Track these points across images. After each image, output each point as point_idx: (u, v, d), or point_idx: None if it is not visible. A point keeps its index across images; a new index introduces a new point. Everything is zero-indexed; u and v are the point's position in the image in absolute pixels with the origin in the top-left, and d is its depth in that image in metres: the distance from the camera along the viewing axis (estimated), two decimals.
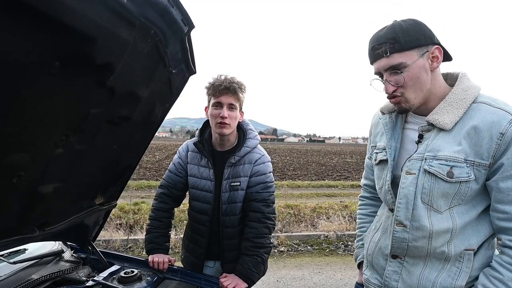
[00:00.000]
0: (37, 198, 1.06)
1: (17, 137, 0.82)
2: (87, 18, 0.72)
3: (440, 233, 1.01)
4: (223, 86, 1.57)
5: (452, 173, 0.97)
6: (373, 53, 1.03)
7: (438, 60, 1.02)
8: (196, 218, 1.73)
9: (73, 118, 0.95)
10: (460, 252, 1.00)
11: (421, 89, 1.02)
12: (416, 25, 1.00)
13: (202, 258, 1.73)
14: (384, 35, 1.00)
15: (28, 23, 0.63)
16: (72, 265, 1.46)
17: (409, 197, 1.04)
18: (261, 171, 1.68)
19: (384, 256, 1.14)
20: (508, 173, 0.93)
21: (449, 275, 1.01)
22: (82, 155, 1.11)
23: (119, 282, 1.37)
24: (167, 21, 0.98)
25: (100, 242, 4.64)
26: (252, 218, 1.63)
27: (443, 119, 1.01)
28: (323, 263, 4.37)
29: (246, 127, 1.75)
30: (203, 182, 1.69)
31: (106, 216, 1.65)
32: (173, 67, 1.17)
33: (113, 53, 0.87)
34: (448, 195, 0.99)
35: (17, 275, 1.28)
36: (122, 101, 1.06)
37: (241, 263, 1.59)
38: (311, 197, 8.59)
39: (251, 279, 1.57)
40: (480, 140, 0.95)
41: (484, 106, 0.99)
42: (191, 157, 1.75)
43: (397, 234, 1.07)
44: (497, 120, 0.94)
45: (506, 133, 0.92)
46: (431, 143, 1.03)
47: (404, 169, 1.06)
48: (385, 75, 1.03)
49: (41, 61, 0.72)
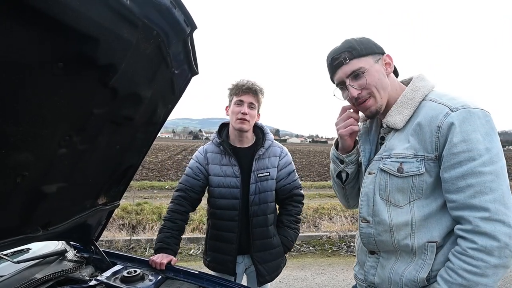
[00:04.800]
0: (41, 198, 1.07)
1: (21, 137, 0.82)
2: (90, 19, 0.73)
3: (399, 226, 1.05)
4: (246, 86, 1.76)
5: (402, 168, 1.04)
6: (333, 64, 1.13)
7: (390, 66, 1.13)
8: (224, 215, 1.81)
9: (76, 118, 0.96)
10: (423, 244, 1.03)
11: (384, 89, 1.10)
12: (367, 39, 1.12)
13: (235, 254, 1.81)
14: (341, 47, 1.11)
15: (31, 24, 0.64)
16: (75, 264, 1.47)
17: (369, 195, 1.12)
18: (288, 162, 1.93)
19: (365, 252, 1.21)
20: (448, 163, 0.97)
21: (414, 268, 1.04)
22: (85, 155, 1.12)
23: (122, 281, 1.37)
24: (170, 22, 0.98)
25: (103, 242, 4.66)
26: (295, 200, 1.95)
27: (394, 119, 1.10)
28: (325, 264, 4.37)
29: (261, 125, 1.96)
30: (228, 179, 1.80)
31: (109, 216, 1.65)
32: (176, 68, 1.18)
33: (115, 54, 0.87)
34: (404, 190, 1.04)
35: (21, 274, 1.28)
36: (125, 101, 1.07)
37: (286, 236, 1.89)
38: (314, 198, 8.58)
39: (289, 249, 1.93)
40: (424, 135, 1.01)
41: (429, 103, 1.05)
42: (211, 158, 1.85)
43: (363, 230, 1.16)
44: (435, 114, 1.00)
45: (442, 126, 0.97)
46: (388, 143, 1.12)
47: (367, 170, 1.16)
48: (347, 82, 1.11)
49: (45, 62, 0.72)
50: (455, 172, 0.95)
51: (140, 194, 8.21)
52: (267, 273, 1.82)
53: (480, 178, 0.92)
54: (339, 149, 1.25)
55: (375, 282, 1.15)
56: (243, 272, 1.91)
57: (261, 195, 1.81)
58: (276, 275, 1.88)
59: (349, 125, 1.17)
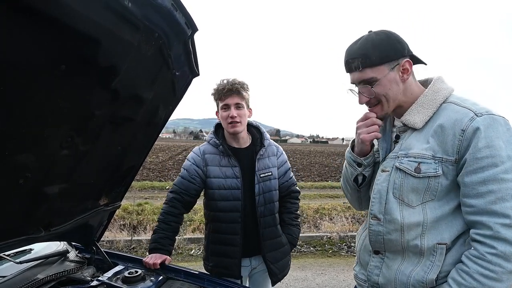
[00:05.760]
0: (43, 199, 1.08)
1: (23, 138, 0.83)
2: (92, 22, 0.74)
3: (411, 226, 1.05)
4: (226, 89, 1.70)
5: (419, 169, 1.03)
6: (347, 66, 1.11)
7: (408, 72, 1.09)
8: (227, 218, 1.76)
9: (78, 120, 0.97)
10: (433, 245, 1.03)
11: (393, 99, 1.10)
12: (388, 40, 1.07)
13: (239, 256, 1.76)
14: (356, 50, 1.07)
15: (34, 27, 0.64)
16: (77, 265, 1.47)
17: (382, 192, 1.12)
18: (284, 160, 1.95)
19: (368, 252, 1.20)
20: (471, 168, 0.96)
21: (422, 269, 1.04)
22: (87, 156, 1.13)
23: (123, 282, 1.38)
24: (171, 24, 0.99)
25: (104, 242, 4.67)
26: (293, 196, 1.98)
27: (413, 119, 1.09)
28: (326, 264, 4.37)
29: (256, 124, 1.94)
30: (229, 181, 1.76)
31: (110, 216, 1.66)
32: (177, 70, 1.19)
33: (117, 56, 0.88)
34: (419, 190, 1.04)
35: (23, 274, 1.29)
36: (126, 103, 1.08)
37: (291, 234, 1.92)
38: (314, 198, 8.58)
39: (295, 246, 1.96)
40: (445, 137, 1.01)
41: (451, 105, 1.05)
42: (210, 160, 1.79)
43: (372, 227, 1.15)
44: (460, 118, 0.99)
45: (467, 130, 0.97)
46: (405, 142, 1.11)
47: (381, 167, 1.15)
48: (358, 87, 1.11)
49: (48, 64, 0.73)
50: (477, 177, 0.95)
51: (141, 194, 8.22)
52: (279, 272, 1.83)
53: (502, 184, 0.93)
54: (356, 153, 1.22)
55: (379, 283, 1.15)
56: (248, 274, 1.88)
57: (266, 195, 1.80)
58: (285, 274, 1.89)
59: (373, 131, 1.14)
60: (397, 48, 1.06)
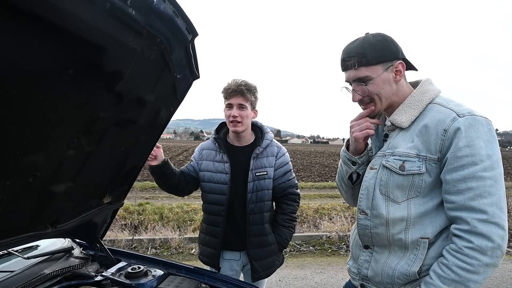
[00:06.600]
0: (50, 197, 1.12)
1: (33, 139, 0.88)
2: (98, 29, 0.78)
3: (395, 221, 1.10)
4: (231, 89, 1.81)
5: (403, 166, 1.08)
6: (344, 64, 1.15)
7: (401, 74, 1.14)
8: (212, 210, 1.89)
9: (84, 122, 1.01)
10: (416, 239, 1.08)
11: (386, 98, 1.14)
12: (384, 41, 1.10)
13: (220, 248, 1.87)
14: (354, 49, 1.11)
15: (43, 35, 0.69)
16: (82, 261, 1.52)
17: (370, 189, 1.16)
18: (284, 161, 1.96)
19: (359, 247, 1.26)
20: (451, 166, 1.01)
21: (406, 262, 1.09)
22: (92, 156, 1.17)
23: (126, 277, 1.42)
24: (172, 30, 1.03)
25: (106, 242, 4.71)
26: (290, 198, 1.96)
27: (400, 118, 1.13)
28: (325, 263, 4.41)
29: (260, 124, 2.02)
30: (218, 175, 1.87)
31: (113, 214, 1.71)
32: (178, 73, 1.23)
33: (121, 61, 0.93)
34: (404, 187, 1.08)
35: (31, 269, 1.34)
36: (130, 105, 1.12)
37: (280, 234, 1.91)
38: (314, 198, 8.61)
39: (284, 248, 1.96)
40: (429, 137, 1.05)
41: (436, 106, 1.09)
42: (206, 154, 1.95)
43: (360, 221, 1.21)
44: (443, 118, 1.03)
45: (448, 130, 1.01)
46: (392, 141, 1.16)
47: (369, 165, 1.20)
48: (352, 85, 1.16)
49: (56, 69, 0.77)
50: (457, 175, 0.99)
51: (142, 194, 8.27)
52: (261, 270, 1.87)
53: (480, 182, 0.97)
54: (350, 151, 1.26)
55: (368, 276, 1.20)
56: (241, 269, 1.95)
57: (258, 193, 1.86)
58: (270, 272, 1.92)
59: (365, 128, 1.19)
60: (392, 50, 1.11)
